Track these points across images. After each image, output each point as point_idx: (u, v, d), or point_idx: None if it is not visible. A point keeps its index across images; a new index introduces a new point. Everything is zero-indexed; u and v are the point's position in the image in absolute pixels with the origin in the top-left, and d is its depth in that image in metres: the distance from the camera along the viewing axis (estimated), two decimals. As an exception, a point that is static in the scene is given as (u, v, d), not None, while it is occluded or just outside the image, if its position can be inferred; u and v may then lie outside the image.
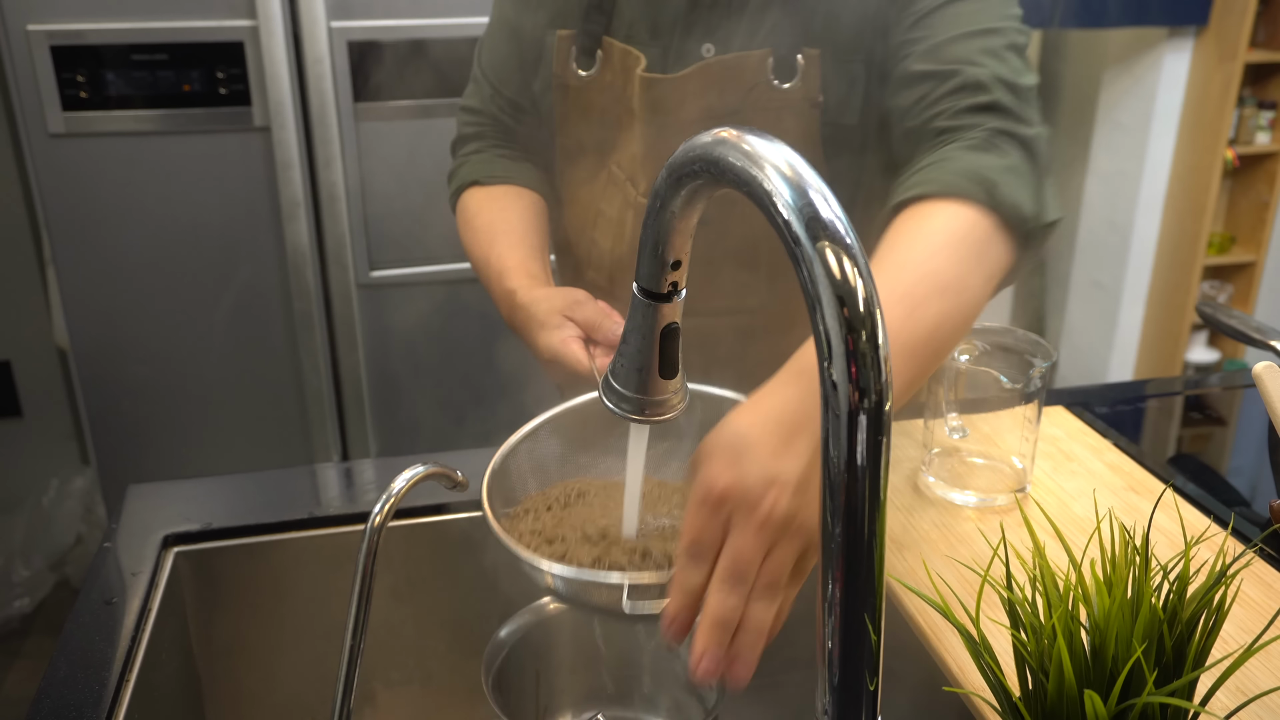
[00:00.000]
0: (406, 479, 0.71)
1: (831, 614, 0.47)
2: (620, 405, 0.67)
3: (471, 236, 1.17)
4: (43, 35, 1.77)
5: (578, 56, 1.08)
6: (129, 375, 1.99)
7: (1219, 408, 1.28)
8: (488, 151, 1.22)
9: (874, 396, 0.44)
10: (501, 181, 1.19)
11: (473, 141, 1.23)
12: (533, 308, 1.01)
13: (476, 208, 1.18)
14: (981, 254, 0.83)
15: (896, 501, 0.96)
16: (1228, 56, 2.87)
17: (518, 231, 1.14)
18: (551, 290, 1.03)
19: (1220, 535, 0.88)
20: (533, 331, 1.01)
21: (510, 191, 1.19)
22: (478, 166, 1.20)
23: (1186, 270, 3.09)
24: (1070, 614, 0.56)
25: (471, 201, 1.19)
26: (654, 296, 0.62)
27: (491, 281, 1.11)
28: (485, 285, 1.14)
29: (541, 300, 1.01)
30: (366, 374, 2.09)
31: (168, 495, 1.03)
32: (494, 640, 0.87)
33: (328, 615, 1.00)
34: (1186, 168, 3.05)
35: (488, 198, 1.19)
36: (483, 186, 1.19)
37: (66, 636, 0.84)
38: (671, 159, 0.55)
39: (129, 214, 1.90)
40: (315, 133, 1.91)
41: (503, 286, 1.08)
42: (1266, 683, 0.72)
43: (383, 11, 1.88)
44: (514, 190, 1.19)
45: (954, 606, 0.73)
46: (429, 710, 1.07)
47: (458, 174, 1.22)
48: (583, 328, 0.98)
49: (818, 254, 0.44)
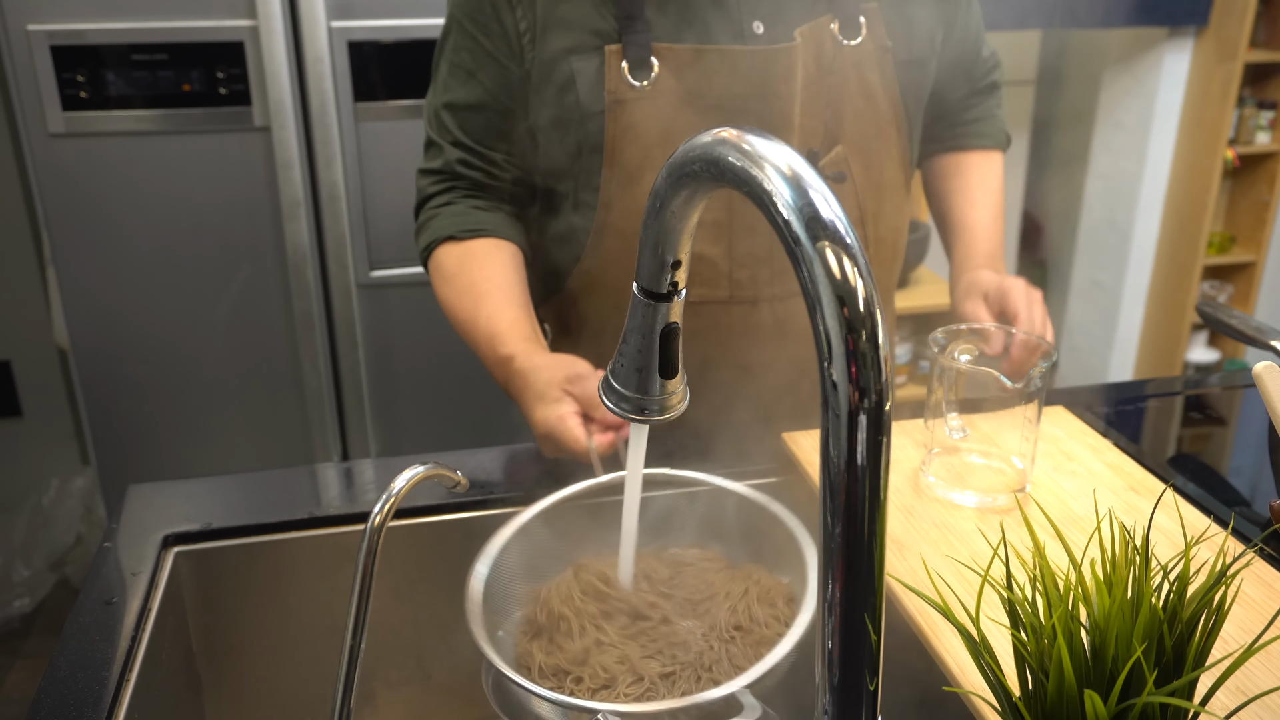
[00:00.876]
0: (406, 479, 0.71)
1: (831, 614, 0.47)
2: (620, 405, 0.67)
3: (454, 296, 1.12)
4: (43, 35, 1.77)
5: (631, 69, 1.05)
6: (129, 375, 1.99)
7: (1219, 408, 1.28)
8: (459, 204, 1.16)
9: (874, 396, 0.44)
10: (477, 235, 1.13)
11: (439, 196, 1.17)
12: (531, 376, 0.99)
13: (456, 265, 1.13)
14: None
15: (896, 501, 0.96)
16: (1228, 56, 2.87)
17: (505, 290, 1.10)
18: (551, 359, 1.01)
19: (1220, 535, 0.88)
20: (529, 402, 0.99)
21: (489, 245, 1.13)
22: (450, 220, 1.14)
23: (1187, 270, 3.09)
24: (1070, 614, 0.56)
25: (448, 259, 1.13)
26: (654, 296, 0.62)
27: (481, 344, 1.08)
28: (472, 346, 1.10)
29: (541, 369, 0.99)
30: (366, 374, 2.09)
31: (168, 495, 1.03)
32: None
33: (328, 615, 1.00)
34: (1186, 168, 3.05)
35: (464, 254, 1.13)
36: (458, 242, 1.13)
37: (67, 636, 0.84)
38: (671, 159, 0.55)
39: (129, 214, 1.90)
40: (315, 133, 1.91)
41: (497, 352, 1.05)
42: (1266, 683, 0.72)
43: (383, 11, 1.88)
44: (492, 243, 1.13)
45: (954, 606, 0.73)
46: (429, 710, 1.07)
47: (428, 228, 1.16)
48: (581, 404, 0.96)
49: (818, 254, 0.44)
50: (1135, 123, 3.09)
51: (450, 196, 1.16)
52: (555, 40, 1.06)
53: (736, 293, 1.13)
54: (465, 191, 1.16)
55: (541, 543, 0.88)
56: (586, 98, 1.06)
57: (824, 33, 1.09)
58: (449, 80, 1.13)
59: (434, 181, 1.17)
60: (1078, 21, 2.78)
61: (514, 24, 1.07)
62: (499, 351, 1.05)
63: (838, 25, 1.09)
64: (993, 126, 1.33)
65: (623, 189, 1.09)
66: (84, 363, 1.96)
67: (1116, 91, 3.12)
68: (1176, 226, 3.11)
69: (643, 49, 1.05)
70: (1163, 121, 3.04)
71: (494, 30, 1.08)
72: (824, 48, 1.09)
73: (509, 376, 1.04)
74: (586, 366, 0.98)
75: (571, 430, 0.94)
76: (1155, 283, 3.21)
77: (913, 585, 0.82)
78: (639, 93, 1.06)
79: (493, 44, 1.08)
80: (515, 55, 1.08)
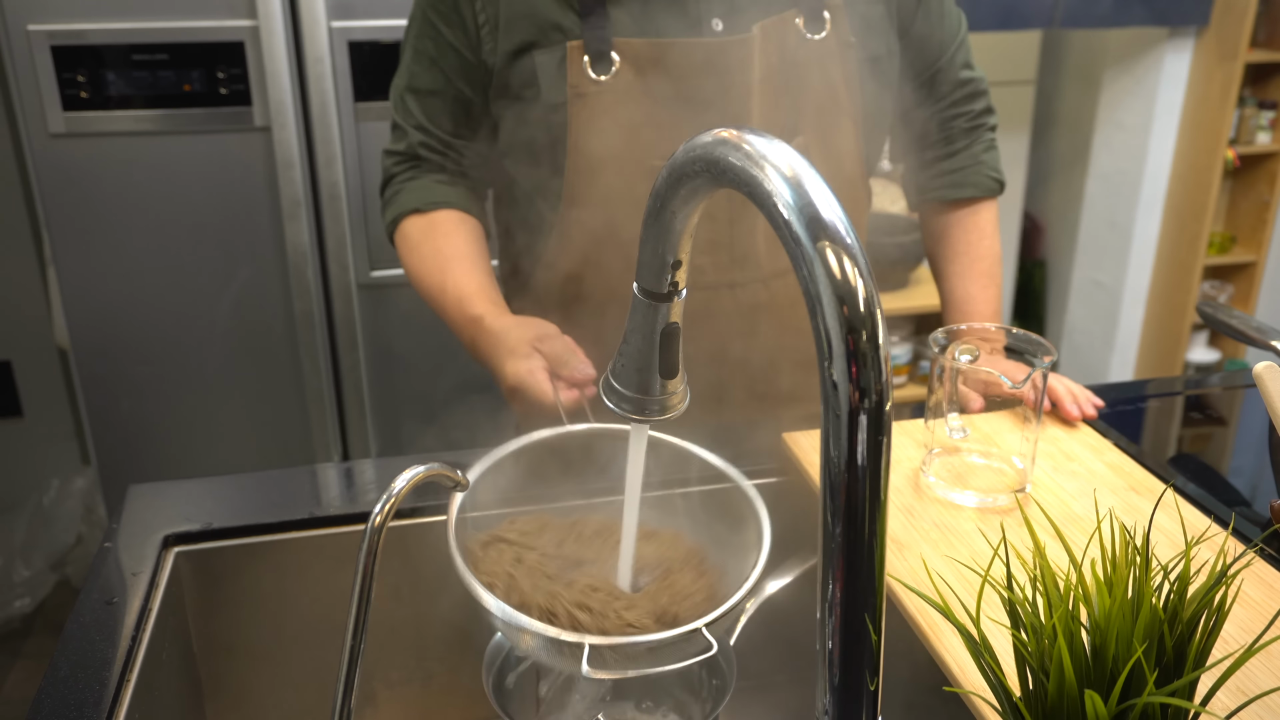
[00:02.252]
0: (406, 479, 0.71)
1: (831, 614, 0.47)
2: (620, 405, 0.68)
3: (419, 264, 1.17)
4: (43, 35, 1.77)
5: (592, 63, 1.08)
6: (129, 375, 1.99)
7: (1219, 408, 1.28)
8: (422, 179, 1.20)
9: (874, 396, 0.44)
10: (441, 207, 1.19)
11: (402, 174, 1.21)
12: (502, 335, 1.04)
13: (421, 235, 1.18)
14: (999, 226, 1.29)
15: (896, 501, 0.96)
16: (1228, 56, 2.87)
17: (469, 258, 1.15)
18: (520, 320, 1.06)
19: (1221, 535, 0.88)
20: (500, 358, 1.03)
21: (452, 216, 1.19)
22: (414, 194, 1.19)
23: (1187, 270, 3.09)
24: (1071, 614, 0.56)
25: (413, 229, 1.19)
26: (654, 296, 0.62)
27: (449, 307, 1.13)
28: (439, 311, 1.15)
29: (511, 329, 1.04)
30: (366, 374, 2.09)
31: (168, 495, 1.03)
32: (494, 640, 0.87)
33: (328, 615, 1.00)
34: (1187, 168, 3.05)
35: (429, 225, 1.18)
36: (422, 214, 1.18)
37: (67, 636, 0.84)
38: (671, 159, 0.55)
39: (129, 214, 1.90)
40: (315, 132, 1.91)
41: (465, 313, 1.09)
42: (1267, 683, 0.72)
43: (383, 11, 1.88)
44: (455, 215, 1.19)
45: (954, 606, 0.73)
46: (429, 710, 1.07)
47: (394, 202, 1.21)
48: (549, 361, 1.00)
49: (818, 254, 0.44)
50: (1135, 123, 3.09)
51: (414, 174, 1.21)
52: (516, 34, 1.09)
53: (697, 278, 1.14)
54: (428, 169, 1.21)
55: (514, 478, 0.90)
56: (548, 91, 1.09)
57: (788, 26, 1.10)
58: (412, 65, 1.17)
59: (397, 162, 1.21)
60: (1078, 21, 2.79)
61: (473, 17, 1.10)
62: (468, 312, 1.09)
63: (802, 20, 1.10)
64: (977, 175, 1.27)
65: (586, 180, 1.12)
66: (84, 363, 1.96)
67: (1116, 91, 3.12)
68: (1177, 226, 3.11)
69: (603, 43, 1.07)
70: (1163, 121, 3.04)
71: (454, 21, 1.11)
72: (787, 40, 1.10)
73: (477, 335, 1.08)
74: (554, 328, 1.04)
75: (541, 384, 0.98)
76: (1155, 283, 3.21)
77: (913, 585, 0.82)
78: (600, 86, 1.08)
79: (452, 34, 1.12)
80: (473, 47, 1.12)
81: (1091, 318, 3.36)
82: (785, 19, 1.10)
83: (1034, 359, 0.95)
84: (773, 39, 1.09)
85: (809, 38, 1.10)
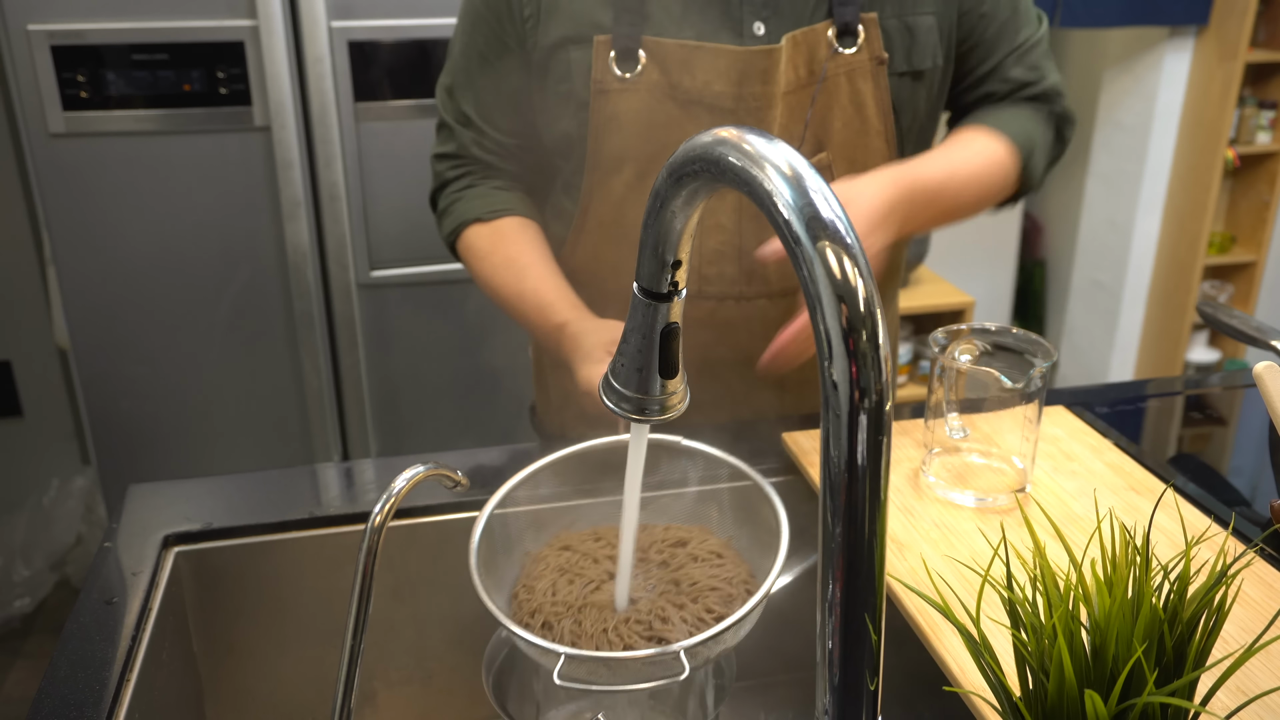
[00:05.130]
0: (406, 479, 0.71)
1: (831, 614, 0.47)
2: (620, 405, 0.67)
3: (492, 273, 1.16)
4: (43, 35, 1.77)
5: (618, 60, 1.07)
6: (129, 375, 1.99)
7: (1219, 408, 1.28)
8: (479, 186, 1.19)
9: (874, 396, 0.44)
10: (503, 214, 1.17)
11: (458, 181, 1.20)
12: (581, 339, 1.04)
13: (489, 245, 1.17)
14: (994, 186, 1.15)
15: (897, 501, 0.96)
16: (1228, 56, 2.87)
17: (543, 263, 1.15)
18: (599, 324, 1.06)
19: (1221, 535, 0.88)
20: (577, 362, 1.04)
21: (515, 223, 1.18)
22: (474, 203, 1.18)
23: (1187, 270, 3.09)
24: (1070, 614, 0.56)
25: (478, 240, 1.17)
26: (654, 296, 0.62)
27: (530, 314, 1.12)
28: (520, 319, 1.15)
29: (590, 333, 1.04)
30: (366, 374, 2.09)
31: (168, 495, 1.03)
32: (494, 640, 0.88)
33: (328, 615, 1.00)
34: (1187, 168, 3.05)
35: (494, 233, 1.17)
36: (485, 223, 1.17)
37: (67, 636, 0.84)
38: (671, 159, 0.55)
39: (129, 214, 1.90)
40: (315, 132, 1.91)
41: (550, 320, 1.10)
42: (1267, 683, 0.72)
43: (383, 11, 1.88)
44: (518, 221, 1.18)
45: (954, 606, 0.73)
46: (429, 710, 1.07)
47: (452, 212, 1.19)
48: None
49: (818, 254, 0.44)
50: (1135, 123, 3.09)
51: (470, 180, 1.20)
52: (555, 28, 1.09)
53: (704, 288, 1.14)
54: (483, 174, 1.20)
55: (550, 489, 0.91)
56: (579, 87, 1.09)
57: (819, 39, 1.09)
58: (460, 60, 1.17)
59: (451, 166, 1.20)
60: (1077, 21, 2.78)
61: (519, 9, 1.10)
62: (552, 320, 1.09)
63: (834, 32, 1.09)
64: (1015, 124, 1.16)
65: (603, 178, 1.12)
66: (84, 363, 1.96)
67: (1116, 91, 3.12)
68: (1177, 226, 3.11)
69: (631, 41, 1.07)
70: (1163, 121, 3.04)
71: (503, 13, 1.11)
72: (817, 53, 1.09)
73: (562, 341, 1.08)
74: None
75: None
76: (1155, 283, 3.21)
77: (913, 585, 0.82)
78: (624, 84, 1.08)
79: (501, 27, 1.12)
80: (519, 39, 1.12)
81: (1091, 318, 3.36)
82: (817, 31, 1.08)
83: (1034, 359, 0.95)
84: (801, 50, 1.08)
85: (840, 51, 1.09)
